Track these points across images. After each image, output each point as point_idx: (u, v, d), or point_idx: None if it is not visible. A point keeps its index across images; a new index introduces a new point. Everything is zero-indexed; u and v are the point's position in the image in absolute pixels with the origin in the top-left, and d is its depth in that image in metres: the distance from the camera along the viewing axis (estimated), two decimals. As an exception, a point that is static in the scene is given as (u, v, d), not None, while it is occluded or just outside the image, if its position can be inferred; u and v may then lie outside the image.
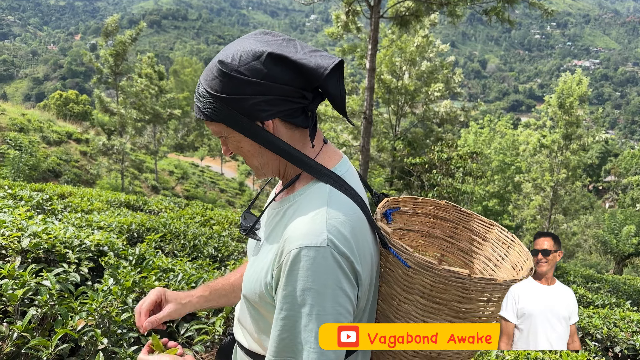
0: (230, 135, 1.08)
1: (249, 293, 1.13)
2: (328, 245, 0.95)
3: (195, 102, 1.09)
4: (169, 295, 1.36)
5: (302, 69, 1.01)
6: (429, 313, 1.13)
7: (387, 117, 24.94)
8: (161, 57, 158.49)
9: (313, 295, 0.94)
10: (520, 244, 1.37)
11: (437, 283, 1.09)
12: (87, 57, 27.40)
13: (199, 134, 54.56)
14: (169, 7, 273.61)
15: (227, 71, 1.01)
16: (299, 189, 1.12)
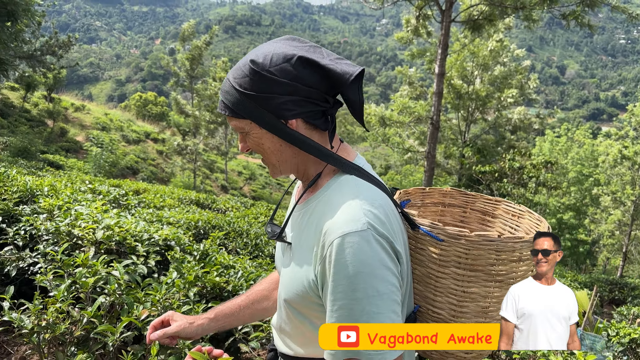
0: (253, 132, 1.12)
1: (291, 296, 1.14)
2: (368, 228, 0.99)
3: (221, 97, 1.13)
4: (176, 316, 1.41)
5: (329, 73, 1.07)
6: (466, 282, 1.17)
7: (455, 123, 24.35)
8: (235, 62, 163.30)
9: (364, 279, 0.96)
10: (530, 211, 1.40)
11: (471, 250, 1.13)
12: (165, 60, 28.76)
13: (268, 137, 55.43)
14: (244, 13, 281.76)
15: (258, 70, 1.06)
16: (323, 186, 1.15)
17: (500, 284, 1.19)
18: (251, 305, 1.47)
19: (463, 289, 1.18)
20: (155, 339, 1.36)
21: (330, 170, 1.16)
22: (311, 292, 1.08)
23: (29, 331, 1.87)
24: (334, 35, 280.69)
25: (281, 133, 1.09)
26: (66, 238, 2.92)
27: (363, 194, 1.06)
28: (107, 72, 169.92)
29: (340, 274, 0.98)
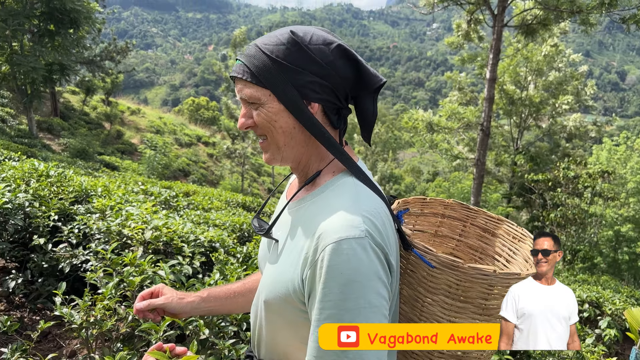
0: (269, 105, 1.03)
1: (272, 298, 1.05)
2: (366, 236, 0.93)
3: (242, 61, 1.04)
4: (167, 289, 1.35)
5: (363, 71, 1.05)
6: (454, 312, 1.14)
7: (507, 129, 23.71)
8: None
9: (357, 288, 0.91)
10: (532, 236, 1.34)
11: (463, 281, 1.10)
12: (217, 66, 29.50)
13: (315, 141, 55.76)
14: (294, 19, 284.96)
15: (298, 41, 1.01)
16: (321, 185, 1.09)
17: (489, 318, 1.16)
18: (246, 294, 1.39)
19: (450, 318, 1.14)
20: (140, 309, 1.28)
21: (330, 171, 1.10)
22: (295, 297, 1.00)
23: (78, 326, 1.95)
24: (383, 40, 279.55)
25: (300, 113, 1.02)
26: (116, 237, 3.03)
27: (363, 201, 1.00)
28: (162, 77, 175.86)
29: (332, 281, 0.91)
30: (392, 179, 49.48)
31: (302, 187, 1.11)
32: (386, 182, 46.52)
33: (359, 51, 19.68)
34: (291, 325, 1.05)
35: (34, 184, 4.01)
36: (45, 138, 22.09)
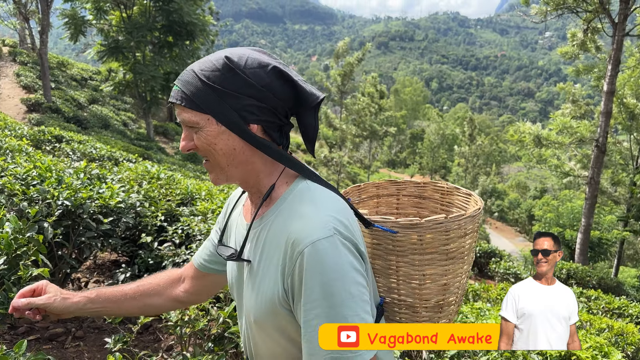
0: (207, 129, 1.06)
1: (261, 315, 1.08)
2: (335, 234, 0.98)
3: (179, 87, 1.07)
4: (50, 287, 1.30)
5: (299, 90, 1.08)
6: (425, 266, 1.24)
7: (626, 146, 21.72)
8: (385, 77, 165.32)
9: (337, 284, 0.96)
10: (457, 187, 1.51)
11: (424, 235, 1.20)
12: (319, 76, 30.25)
13: (412, 152, 55.11)
14: (398, 29, 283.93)
15: (232, 67, 1.04)
16: (279, 198, 1.11)
17: (453, 260, 1.26)
18: (139, 298, 1.38)
19: (422, 272, 1.24)
20: (17, 307, 1.23)
21: (283, 182, 1.13)
22: (281, 308, 1.05)
23: (173, 323, 2.08)
24: (491, 48, 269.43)
25: (242, 133, 1.06)
26: (214, 240, 3.19)
27: (323, 202, 1.06)
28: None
29: (313, 281, 0.96)
30: (495, 194, 47.33)
31: (261, 204, 1.12)
32: (488, 197, 44.60)
33: (463, 60, 19.20)
34: (286, 334, 1.09)
35: (145, 185, 4.35)
36: (161, 141, 23.90)
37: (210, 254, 1.37)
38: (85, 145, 8.19)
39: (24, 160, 3.72)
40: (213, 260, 1.36)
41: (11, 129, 7.75)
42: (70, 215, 2.90)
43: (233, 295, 1.26)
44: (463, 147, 44.88)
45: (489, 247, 10.38)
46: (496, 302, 4.69)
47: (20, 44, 28.04)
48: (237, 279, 1.21)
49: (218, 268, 1.36)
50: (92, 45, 22.58)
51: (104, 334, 2.88)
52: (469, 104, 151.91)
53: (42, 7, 18.76)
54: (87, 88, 26.09)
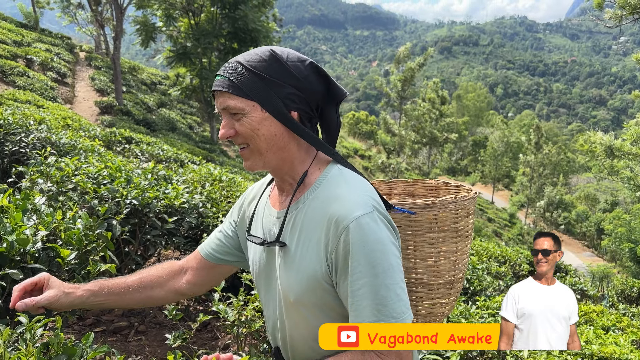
0: (252, 114, 1.12)
1: (303, 293, 1.13)
2: (374, 210, 1.08)
3: (225, 76, 1.14)
4: (53, 281, 1.29)
5: (332, 86, 1.19)
6: (439, 243, 1.36)
7: None
8: (447, 83, 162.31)
9: (380, 255, 1.04)
10: (447, 182, 1.67)
11: (438, 214, 1.33)
12: (379, 82, 30.12)
13: (473, 159, 53.65)
14: (462, 33, 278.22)
15: (278, 58, 1.13)
16: (312, 184, 1.19)
17: (461, 238, 1.40)
18: (142, 290, 1.39)
19: (437, 249, 1.37)
20: (22, 309, 1.22)
21: (316, 168, 1.21)
22: (324, 283, 1.11)
23: (230, 323, 2.12)
24: (560, 54, 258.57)
25: (284, 119, 1.13)
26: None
27: (357, 183, 1.15)
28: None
29: (359, 253, 1.04)
30: (562, 206, 45.25)
31: (295, 190, 1.19)
32: (554, 208, 42.74)
33: (531, 65, 18.57)
34: (326, 310, 1.15)
35: (208, 187, 4.48)
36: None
37: (221, 245, 1.42)
38: (153, 147, 8.55)
39: (96, 160, 3.92)
40: (224, 251, 1.41)
41: (85, 130, 8.21)
42: (137, 213, 3.03)
43: (259, 284, 1.31)
44: (528, 155, 43.30)
45: (554, 261, 9.89)
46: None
47: (96, 49, 29.76)
48: (266, 266, 1.26)
49: (229, 259, 1.42)
50: (161, 51, 23.61)
51: (164, 330, 2.98)
52: (535, 111, 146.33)
53: (117, 14, 19.83)
54: (156, 92, 27.28)
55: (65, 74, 21.23)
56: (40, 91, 16.54)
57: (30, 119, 5.10)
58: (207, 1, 21.87)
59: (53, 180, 2.93)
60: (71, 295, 1.28)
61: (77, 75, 23.45)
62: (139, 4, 20.46)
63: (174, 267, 1.46)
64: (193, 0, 21.28)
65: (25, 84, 16.35)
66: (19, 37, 22.20)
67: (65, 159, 3.41)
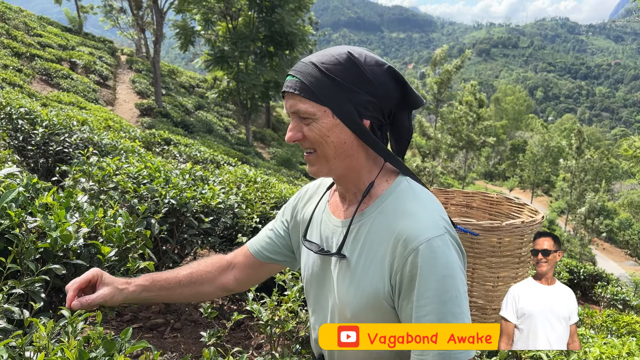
0: (323, 120, 1.07)
1: (361, 310, 1.08)
2: (445, 232, 1.02)
3: (298, 77, 1.07)
4: (106, 278, 1.26)
5: (409, 92, 1.11)
6: (499, 268, 1.32)
7: None
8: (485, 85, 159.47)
9: (449, 281, 0.99)
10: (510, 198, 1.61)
11: (503, 238, 1.28)
12: (414, 84, 29.84)
13: (512, 164, 52.54)
14: (500, 35, 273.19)
15: (355, 62, 1.06)
16: (379, 195, 1.13)
17: (523, 264, 1.35)
18: (192, 285, 1.36)
19: (497, 274, 1.33)
20: (78, 309, 1.20)
21: (383, 180, 1.14)
22: (385, 303, 1.06)
23: (264, 323, 2.14)
24: (603, 56, 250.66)
25: (356, 127, 1.07)
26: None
27: (428, 201, 1.09)
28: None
29: (428, 278, 0.98)
30: (603, 213, 43.76)
31: (361, 201, 1.13)
32: (595, 215, 41.38)
33: (572, 68, 18.12)
34: None
35: (243, 188, 4.53)
36: (258, 147, 24.85)
37: (272, 244, 1.38)
38: (190, 148, 8.72)
39: (136, 160, 4.03)
40: (274, 250, 1.37)
41: (126, 131, 8.44)
42: (175, 213, 3.09)
43: (309, 291, 1.27)
44: (569, 160, 42.08)
45: (595, 269, 9.59)
46: (601, 329, 4.32)
47: (137, 52, 30.59)
48: (320, 275, 1.22)
49: (278, 258, 1.38)
50: (200, 54, 24.08)
51: (199, 327, 3.03)
52: (577, 115, 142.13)
53: (157, 18, 20.33)
54: (194, 95, 27.82)
55: (107, 77, 21.90)
56: (83, 93, 17.11)
57: (74, 120, 5.28)
58: (245, 5, 22.20)
59: (95, 179, 3.02)
60: (124, 292, 1.27)
61: (119, 78, 24.15)
62: (179, 8, 20.94)
63: (222, 262, 1.43)
64: (231, 5, 21.63)
65: (69, 86, 16.95)
66: (64, 41, 23.03)
67: (107, 159, 3.51)
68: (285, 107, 1.12)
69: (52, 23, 26.99)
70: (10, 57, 16.80)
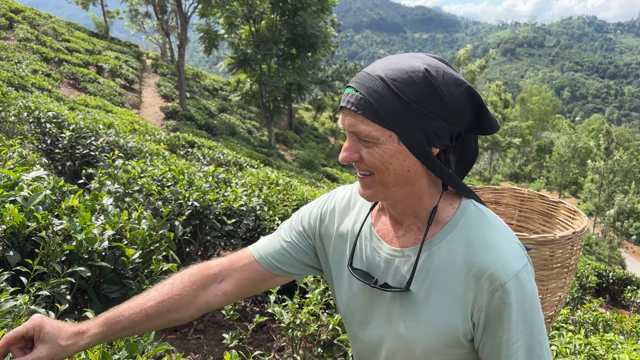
0: (386, 146, 0.94)
1: (434, 348, 1.00)
2: (528, 262, 0.98)
3: (363, 94, 0.93)
4: (46, 333, 1.03)
5: (485, 116, 0.99)
6: (550, 279, 1.30)
7: None
8: (510, 85, 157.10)
9: (536, 313, 0.96)
10: (543, 195, 1.62)
11: (555, 250, 1.25)
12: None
13: (538, 165, 51.62)
14: (526, 34, 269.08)
15: (433, 82, 0.92)
16: (448, 221, 1.02)
17: (571, 273, 1.34)
18: (164, 315, 1.14)
19: (547, 287, 1.30)
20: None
21: (448, 204, 1.04)
22: (463, 340, 1.00)
23: (285, 325, 2.14)
24: (632, 55, 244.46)
25: (424, 156, 0.95)
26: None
27: (503, 227, 1.02)
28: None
29: (518, 313, 0.94)
30: (633, 215, 42.68)
31: (427, 229, 1.01)
32: (625, 217, 40.40)
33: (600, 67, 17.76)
34: None
35: (265, 190, 4.55)
36: (281, 149, 24.96)
37: (288, 257, 1.21)
38: (214, 150, 8.80)
39: (161, 163, 4.08)
40: (291, 264, 1.21)
41: (151, 134, 8.57)
42: (198, 215, 3.12)
43: (352, 319, 1.14)
44: (597, 161, 41.18)
45: (624, 273, 9.34)
46: (630, 335, 4.20)
47: (162, 56, 31.07)
48: (369, 306, 1.10)
49: (292, 272, 1.22)
50: (223, 58, 24.34)
51: (222, 329, 3.05)
52: (605, 115, 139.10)
53: (181, 22, 20.61)
54: (217, 98, 28.11)
55: (133, 81, 22.29)
56: (110, 97, 17.45)
57: (100, 124, 5.38)
58: (268, 8, 22.35)
59: (120, 182, 3.07)
60: (70, 349, 1.06)
61: (144, 82, 24.56)
62: (203, 12, 21.19)
63: (206, 275, 1.20)
64: (254, 8, 21.80)
65: (96, 90, 17.31)
66: (91, 46, 23.54)
67: (132, 162, 3.56)
68: (342, 123, 0.98)
69: (80, 28, 27.60)
70: (39, 62, 17.23)
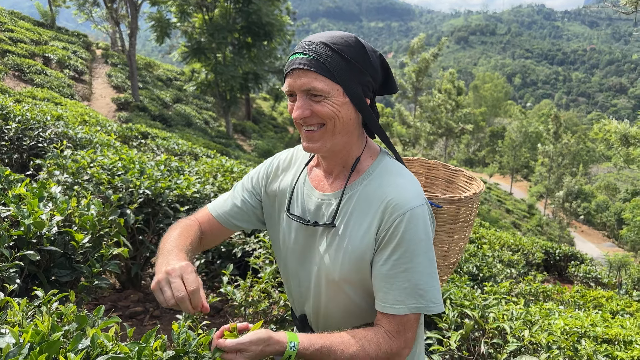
0: (335, 98, 1.13)
1: (350, 273, 1.20)
2: (425, 203, 1.17)
3: (311, 55, 1.12)
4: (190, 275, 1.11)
5: (391, 79, 1.26)
6: (454, 232, 1.56)
7: None
8: (464, 73, 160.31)
9: (425, 245, 1.14)
10: (445, 164, 1.88)
11: (460, 208, 1.52)
12: (394, 74, 29.98)
13: (491, 150, 53.13)
14: (478, 22, 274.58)
15: (364, 45, 1.17)
16: (366, 169, 1.24)
17: (470, 227, 1.63)
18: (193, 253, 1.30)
19: (451, 238, 1.57)
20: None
21: (368, 156, 1.26)
22: (369, 264, 1.19)
23: (238, 304, 2.21)
24: (579, 42, 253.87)
25: (361, 105, 1.17)
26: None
27: (410, 176, 1.23)
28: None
29: (409, 241, 1.13)
30: (581, 196, 44.61)
31: (350, 175, 1.24)
32: (573, 198, 42.19)
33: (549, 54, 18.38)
34: (366, 296, 1.23)
35: (220, 178, 4.58)
36: (239, 139, 24.76)
37: (241, 213, 1.40)
38: (168, 141, 8.69)
39: (111, 153, 4.04)
40: (244, 218, 1.41)
41: (102, 126, 8.38)
42: (151, 203, 3.13)
43: (289, 259, 1.34)
44: (547, 145, 42.75)
45: (570, 249, 9.84)
46: (569, 304, 4.49)
47: (112, 46, 30.11)
48: (305, 244, 1.29)
49: (244, 225, 1.43)
50: (176, 47, 23.82)
51: (178, 314, 3.09)
52: (554, 101, 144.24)
53: (132, 11, 20.04)
54: (171, 88, 27.55)
55: (82, 72, 21.56)
56: (58, 89, 16.84)
57: (48, 115, 5.25)
58: (221, -4, 22.00)
59: (69, 171, 3.05)
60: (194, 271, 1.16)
61: (94, 73, 23.80)
62: (154, 0, 20.67)
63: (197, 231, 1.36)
64: (206, -4, 21.43)
65: (43, 82, 16.67)
66: (37, 36, 22.59)
67: (81, 152, 3.53)
68: (291, 86, 1.14)
69: (24, 17, 26.41)
70: (-19, 53, 16.43)
